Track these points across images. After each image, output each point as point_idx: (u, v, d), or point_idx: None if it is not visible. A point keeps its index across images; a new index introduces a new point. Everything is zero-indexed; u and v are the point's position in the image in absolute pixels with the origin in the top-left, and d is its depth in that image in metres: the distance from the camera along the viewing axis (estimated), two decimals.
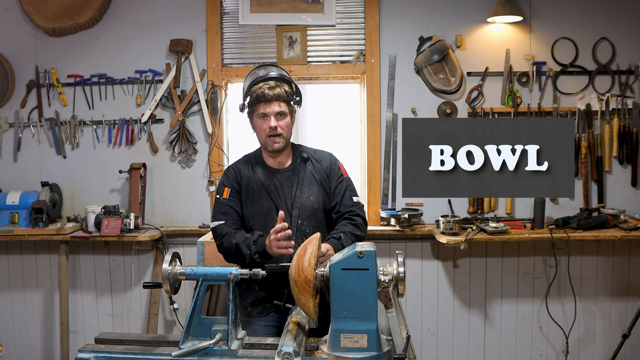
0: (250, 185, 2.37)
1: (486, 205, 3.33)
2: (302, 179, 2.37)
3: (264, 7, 3.36)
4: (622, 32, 3.28)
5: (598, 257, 3.40)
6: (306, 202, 2.35)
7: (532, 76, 3.31)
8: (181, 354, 1.77)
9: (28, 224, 3.26)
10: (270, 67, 2.41)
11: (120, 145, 3.46)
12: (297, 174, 2.38)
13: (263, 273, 1.86)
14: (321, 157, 2.46)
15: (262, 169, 2.40)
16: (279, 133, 2.32)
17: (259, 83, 2.31)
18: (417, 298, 3.46)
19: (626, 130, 3.27)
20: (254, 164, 2.41)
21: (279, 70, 2.40)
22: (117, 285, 3.54)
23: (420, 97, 3.36)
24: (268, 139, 2.33)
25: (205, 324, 1.86)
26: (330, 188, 2.41)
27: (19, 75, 3.45)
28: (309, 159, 2.42)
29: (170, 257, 1.89)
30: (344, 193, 2.41)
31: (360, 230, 2.35)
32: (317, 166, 2.42)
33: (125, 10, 3.40)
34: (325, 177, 2.41)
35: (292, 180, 2.37)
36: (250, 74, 2.41)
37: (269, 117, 2.30)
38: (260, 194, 2.35)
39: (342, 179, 2.44)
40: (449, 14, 3.31)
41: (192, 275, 1.88)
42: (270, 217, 2.32)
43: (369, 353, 1.69)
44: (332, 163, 2.45)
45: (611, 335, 3.41)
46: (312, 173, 2.40)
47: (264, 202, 2.34)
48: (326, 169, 2.43)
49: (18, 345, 3.59)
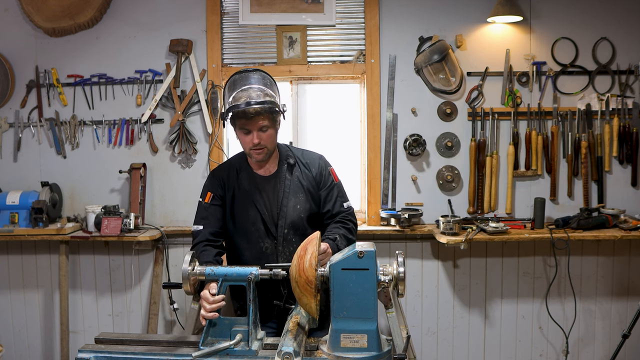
0: (236, 192, 2.32)
1: (486, 205, 3.33)
2: (289, 187, 2.32)
3: (264, 7, 3.37)
4: (622, 32, 3.28)
5: (598, 257, 3.40)
6: (292, 212, 2.30)
7: (532, 76, 3.31)
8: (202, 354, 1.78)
9: (28, 224, 3.26)
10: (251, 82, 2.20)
11: (120, 145, 3.46)
12: (283, 182, 2.32)
13: (283, 273, 1.86)
14: (310, 162, 2.39)
15: (247, 175, 2.34)
16: (262, 147, 2.23)
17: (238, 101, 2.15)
18: (417, 298, 3.46)
19: (626, 130, 3.27)
20: (239, 169, 2.35)
21: (259, 86, 2.20)
22: (117, 285, 3.54)
23: (420, 97, 3.36)
24: (251, 152, 2.25)
25: (225, 324, 1.87)
26: (320, 195, 2.36)
27: (19, 75, 3.46)
28: (296, 165, 2.36)
29: (190, 258, 1.89)
30: (335, 200, 2.37)
31: (352, 235, 2.33)
32: (305, 172, 2.36)
33: (125, 10, 3.40)
34: (314, 184, 2.36)
35: (278, 188, 2.32)
36: (229, 84, 2.24)
37: (252, 132, 2.20)
38: (245, 202, 2.30)
39: (334, 186, 2.39)
40: (449, 14, 3.32)
41: (212, 275, 1.89)
42: (256, 227, 2.29)
43: (369, 353, 1.69)
44: (321, 169, 2.38)
45: (611, 335, 3.41)
46: (300, 180, 2.34)
47: (250, 211, 2.30)
48: (315, 176, 2.36)
49: (18, 345, 3.59)
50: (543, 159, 3.33)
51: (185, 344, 1.93)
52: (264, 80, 2.24)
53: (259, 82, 2.22)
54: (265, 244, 2.31)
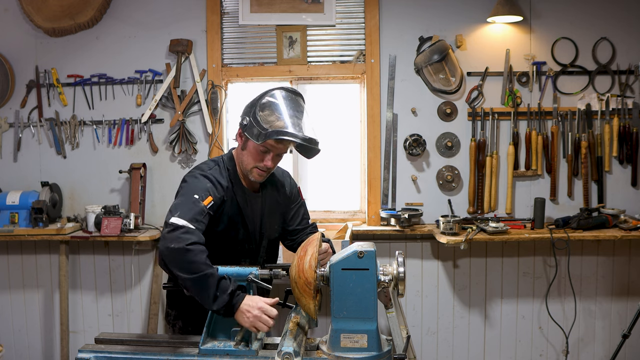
0: (231, 207, 2.18)
1: (486, 205, 3.33)
2: (269, 206, 2.29)
3: (264, 7, 3.36)
4: (622, 32, 3.28)
5: (598, 257, 3.40)
6: (271, 232, 2.31)
7: (532, 76, 3.31)
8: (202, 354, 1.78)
9: (28, 224, 3.26)
10: (299, 108, 2.13)
11: (120, 145, 3.46)
12: (266, 202, 2.28)
13: (283, 273, 1.86)
14: (283, 180, 2.37)
15: (241, 192, 2.21)
16: (269, 171, 2.18)
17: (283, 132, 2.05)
18: (417, 298, 3.46)
19: (626, 130, 3.27)
20: (234, 183, 2.20)
21: (306, 117, 2.14)
22: (117, 285, 3.54)
23: (420, 97, 3.36)
24: (255, 170, 2.15)
25: (225, 324, 1.87)
26: (288, 212, 2.36)
27: (19, 75, 3.46)
28: (275, 183, 2.33)
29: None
30: (303, 217, 2.40)
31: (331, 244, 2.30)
32: (282, 191, 2.34)
33: (125, 10, 3.40)
34: (287, 202, 2.36)
35: (264, 207, 2.28)
36: (273, 106, 2.09)
37: (270, 154, 2.12)
38: (237, 220, 2.21)
39: (302, 203, 2.42)
40: (449, 14, 3.31)
41: None
42: (242, 247, 2.23)
43: (369, 353, 1.69)
44: (292, 187, 2.40)
45: (611, 335, 3.41)
46: (276, 199, 2.32)
47: (240, 229, 2.21)
48: (288, 194, 2.36)
49: (18, 345, 3.59)
50: (543, 159, 3.33)
51: (186, 344, 1.94)
52: (306, 110, 2.19)
53: (305, 111, 2.17)
54: (245, 263, 2.21)
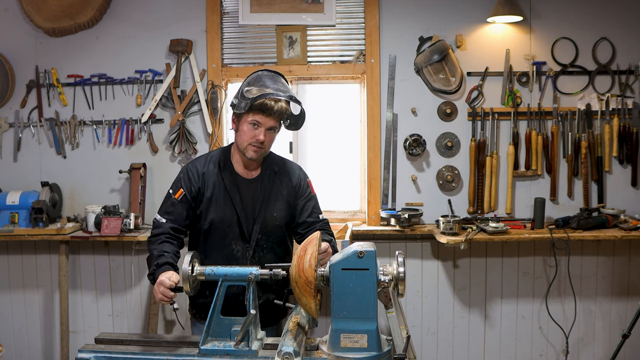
0: (215, 190, 2.27)
1: (486, 205, 3.33)
2: (269, 193, 2.30)
3: (264, 7, 3.37)
4: (622, 32, 3.28)
5: (598, 257, 3.40)
6: (269, 218, 2.29)
7: (532, 76, 3.31)
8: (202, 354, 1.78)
9: (28, 224, 3.26)
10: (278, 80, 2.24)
11: (120, 145, 3.46)
12: (264, 187, 2.30)
13: (283, 273, 1.86)
14: (290, 172, 2.38)
15: (230, 175, 2.28)
16: (263, 146, 2.22)
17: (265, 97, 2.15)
18: (417, 298, 3.46)
19: (626, 130, 3.27)
20: (223, 167, 2.29)
21: (286, 88, 2.23)
22: (117, 285, 3.54)
23: (420, 97, 3.36)
24: (249, 147, 2.21)
25: (225, 324, 1.87)
26: (297, 205, 2.35)
27: (19, 75, 3.46)
28: (279, 173, 2.34)
29: (190, 258, 1.89)
30: (312, 211, 2.37)
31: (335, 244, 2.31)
32: (286, 181, 2.35)
33: (125, 10, 3.40)
34: (293, 194, 2.35)
35: (259, 193, 2.30)
36: (252, 78, 2.23)
37: (261, 128, 2.19)
38: (224, 201, 2.26)
39: (311, 197, 2.39)
40: (449, 14, 3.31)
41: (212, 275, 1.88)
42: (231, 229, 2.26)
43: (369, 353, 1.69)
44: (300, 179, 2.38)
45: (611, 335, 3.41)
46: (280, 188, 2.33)
47: (227, 211, 2.26)
48: (295, 186, 2.36)
49: (18, 345, 3.59)
50: (543, 159, 3.33)
51: (186, 344, 1.93)
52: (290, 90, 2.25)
53: (285, 85, 2.25)
54: (237, 246, 2.28)
